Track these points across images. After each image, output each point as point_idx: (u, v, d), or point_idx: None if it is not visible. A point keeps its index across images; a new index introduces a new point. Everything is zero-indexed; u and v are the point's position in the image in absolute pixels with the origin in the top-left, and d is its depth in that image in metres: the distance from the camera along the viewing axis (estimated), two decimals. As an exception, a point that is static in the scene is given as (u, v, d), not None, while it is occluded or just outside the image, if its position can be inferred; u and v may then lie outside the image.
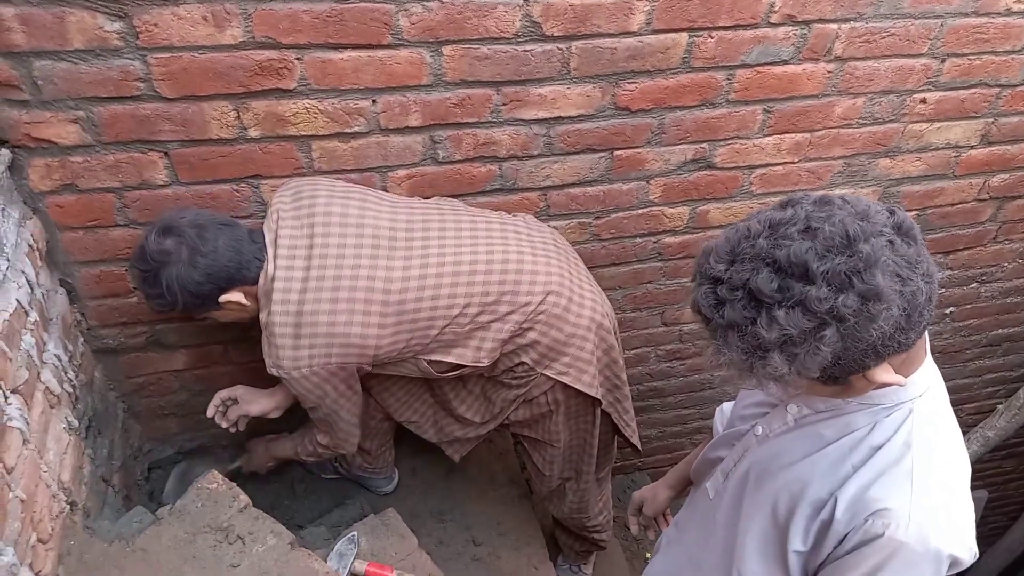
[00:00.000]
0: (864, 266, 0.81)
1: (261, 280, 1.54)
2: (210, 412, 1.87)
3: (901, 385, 0.93)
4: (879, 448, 1.03)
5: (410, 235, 1.58)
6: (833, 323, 0.82)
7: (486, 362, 1.66)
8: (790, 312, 0.82)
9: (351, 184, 1.67)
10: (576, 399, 1.82)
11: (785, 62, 1.86)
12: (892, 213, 0.88)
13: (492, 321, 1.62)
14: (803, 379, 0.89)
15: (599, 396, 1.81)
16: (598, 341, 1.76)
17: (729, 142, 1.99)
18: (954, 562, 1.00)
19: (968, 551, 1.00)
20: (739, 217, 2.19)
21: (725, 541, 1.27)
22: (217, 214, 1.60)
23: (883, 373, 0.91)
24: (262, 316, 1.53)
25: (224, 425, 1.88)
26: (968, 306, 2.83)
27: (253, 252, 1.54)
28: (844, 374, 0.91)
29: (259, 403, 1.85)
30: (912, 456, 1.00)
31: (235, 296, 1.55)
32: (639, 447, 2.05)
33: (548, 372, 1.73)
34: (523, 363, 1.71)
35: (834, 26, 1.82)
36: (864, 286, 0.81)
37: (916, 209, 2.36)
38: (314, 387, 1.56)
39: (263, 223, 1.59)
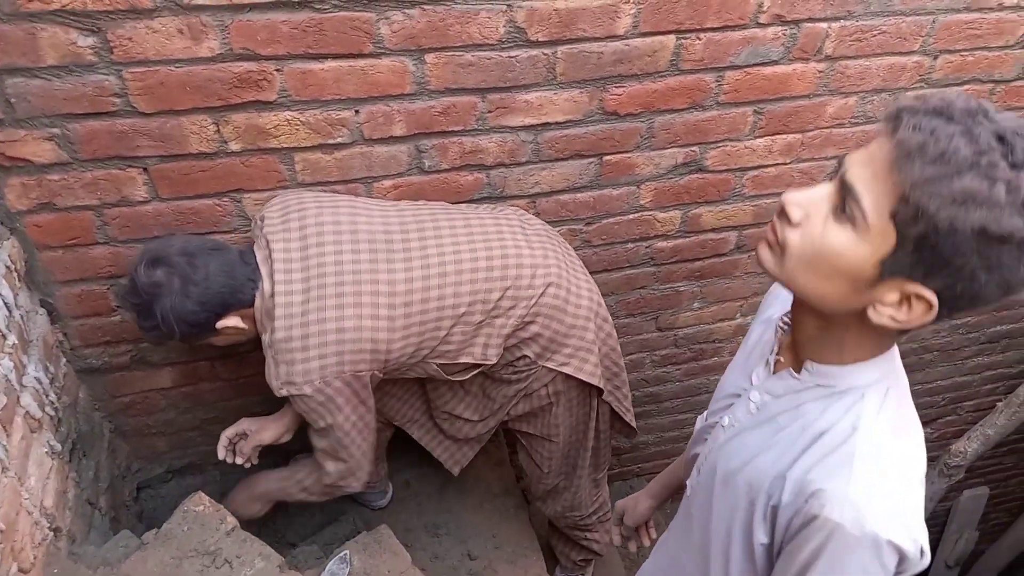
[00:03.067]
0: None
1: (257, 301, 1.50)
2: (221, 454, 1.79)
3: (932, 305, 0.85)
4: (826, 432, 0.98)
5: (406, 238, 1.55)
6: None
7: (494, 359, 1.63)
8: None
9: (336, 194, 1.64)
10: (576, 390, 1.79)
11: (775, 62, 1.83)
12: None
13: (496, 317, 1.60)
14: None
15: (601, 384, 1.78)
16: (596, 329, 1.75)
17: (720, 144, 1.97)
18: (901, 556, 0.93)
19: (912, 542, 0.92)
20: (732, 220, 2.17)
21: (701, 539, 1.23)
22: (205, 239, 1.57)
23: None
24: (265, 338, 1.49)
25: (240, 462, 1.80)
26: (966, 304, 2.80)
27: (246, 274, 1.50)
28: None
29: (269, 430, 1.78)
30: (856, 439, 0.95)
31: (232, 321, 1.50)
32: (636, 428, 2.01)
33: (549, 364, 1.71)
34: (525, 356, 1.69)
35: (824, 25, 1.79)
36: None
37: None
38: (327, 401, 1.49)
39: (252, 241, 1.56)
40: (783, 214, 0.91)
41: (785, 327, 1.11)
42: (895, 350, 1.01)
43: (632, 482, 3.17)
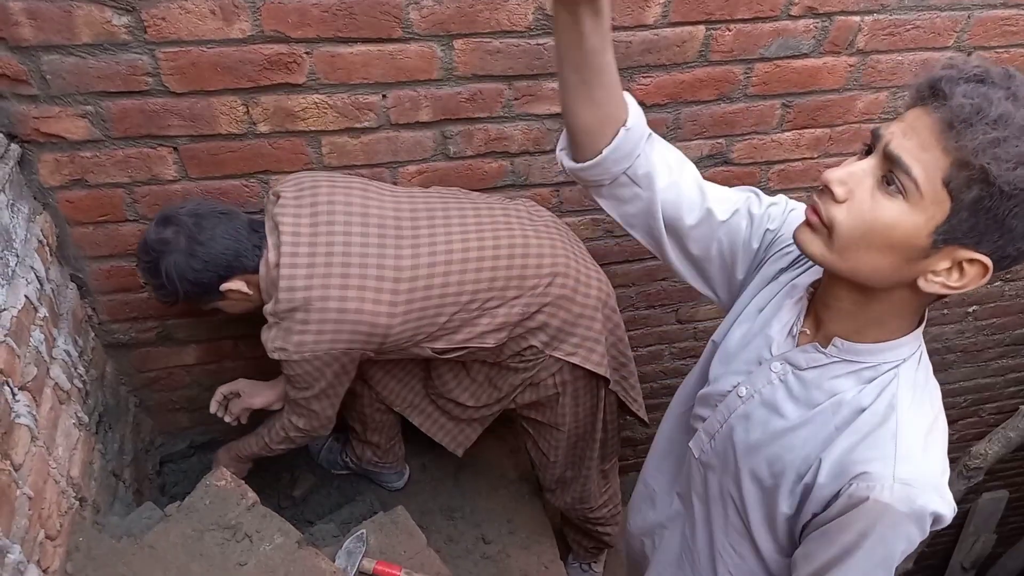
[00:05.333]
0: None
1: (262, 269, 1.54)
2: (213, 408, 1.87)
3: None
4: (863, 410, 1.00)
5: (415, 223, 1.57)
6: None
7: (491, 343, 1.65)
8: None
9: (351, 176, 1.66)
10: (583, 380, 1.80)
11: (805, 55, 1.82)
12: None
13: (500, 306, 1.62)
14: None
15: (607, 375, 1.79)
16: (604, 320, 1.75)
17: (747, 137, 1.95)
18: (936, 519, 0.98)
19: (949, 507, 0.97)
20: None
21: (723, 507, 1.23)
22: (219, 203, 1.60)
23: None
24: (268, 306, 1.52)
25: (227, 420, 1.88)
26: (991, 305, 2.77)
27: (253, 241, 1.54)
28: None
29: (262, 395, 1.85)
30: (896, 418, 0.97)
31: (236, 284, 1.55)
32: (647, 420, 2.02)
33: (556, 353, 1.72)
34: (532, 346, 1.70)
35: (856, 18, 1.77)
36: None
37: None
38: (314, 370, 1.55)
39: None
40: (825, 192, 0.91)
41: (810, 298, 1.10)
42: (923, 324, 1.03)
43: (647, 473, 3.17)
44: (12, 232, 1.42)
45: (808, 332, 1.09)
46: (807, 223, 0.95)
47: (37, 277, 1.50)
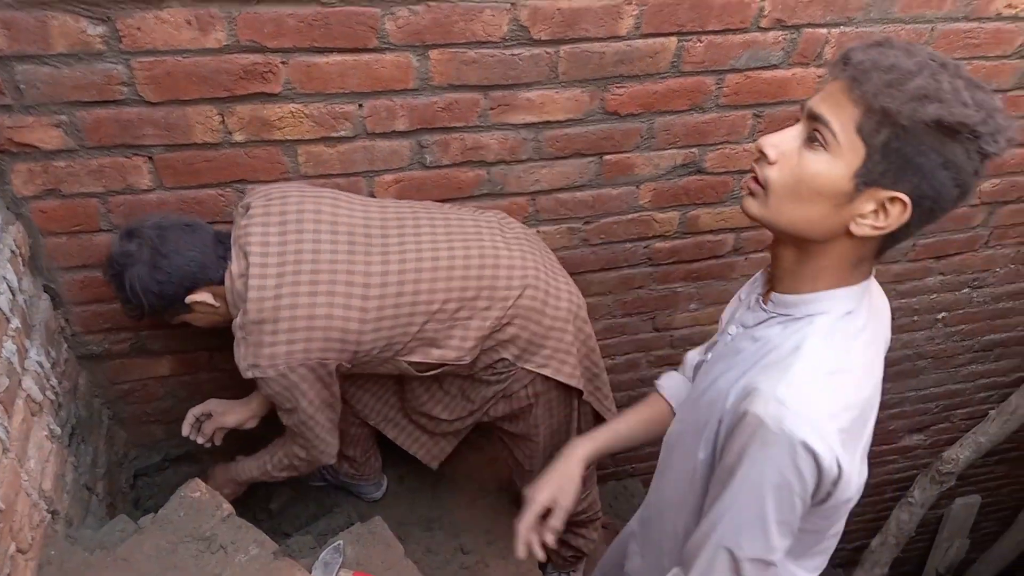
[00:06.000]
0: None
1: (227, 280, 1.53)
2: (185, 431, 1.84)
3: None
4: (774, 349, 1.07)
5: (385, 233, 1.57)
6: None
7: (468, 359, 1.65)
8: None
9: (320, 187, 1.66)
10: (556, 390, 1.81)
11: (775, 66, 1.86)
12: None
13: (470, 317, 1.62)
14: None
15: (580, 386, 1.80)
16: (576, 331, 1.76)
17: (719, 147, 1.99)
18: (820, 468, 0.98)
19: (827, 449, 0.97)
20: (730, 223, 2.19)
21: (675, 472, 1.29)
22: (182, 216, 1.60)
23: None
24: (236, 319, 1.51)
25: (200, 441, 1.85)
26: (960, 311, 2.82)
27: (219, 252, 1.54)
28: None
29: (234, 413, 1.84)
30: (800, 353, 1.03)
31: (202, 296, 1.54)
32: None
33: (528, 366, 1.72)
34: (504, 359, 1.70)
35: (824, 30, 1.82)
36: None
37: (907, 214, 2.35)
38: (291, 386, 1.54)
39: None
40: (761, 157, 1.04)
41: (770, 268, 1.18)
42: (869, 297, 1.10)
43: (626, 482, 3.18)
44: (-16, 242, 1.41)
45: (765, 297, 1.18)
46: (749, 192, 1.07)
47: (9, 288, 1.48)
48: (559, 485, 1.44)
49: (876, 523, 3.84)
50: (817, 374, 1.02)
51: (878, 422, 1.14)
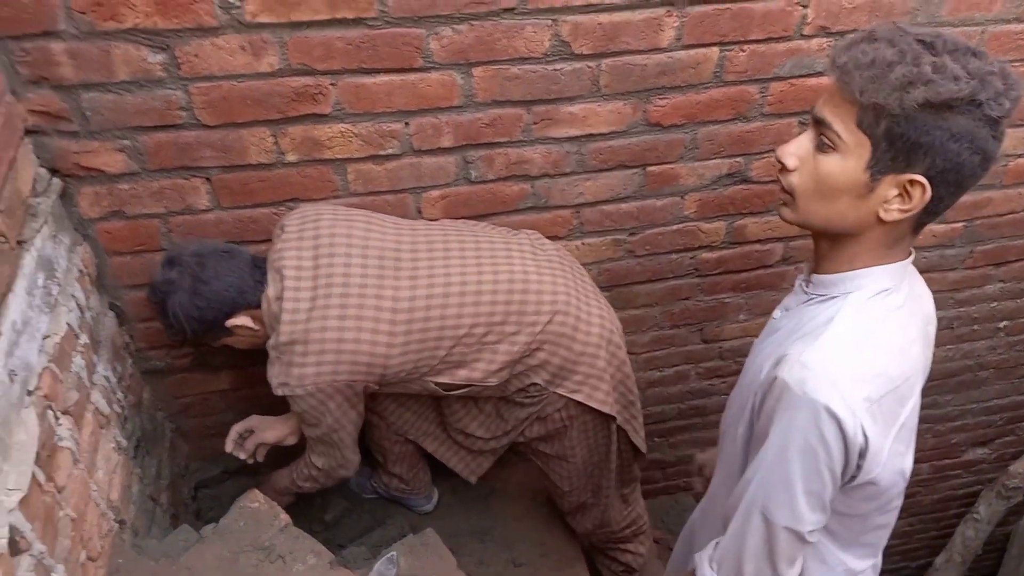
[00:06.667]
0: None
1: (264, 303, 1.58)
2: (228, 447, 1.89)
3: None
4: (806, 323, 1.12)
5: (415, 255, 1.60)
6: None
7: (494, 382, 1.66)
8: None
9: (354, 208, 1.70)
10: (590, 415, 1.81)
11: (820, 74, 1.84)
12: None
13: (499, 342, 1.63)
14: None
15: (614, 413, 1.80)
16: (609, 357, 1.75)
17: (765, 155, 1.98)
18: (843, 433, 1.00)
19: (850, 415, 1.00)
20: (778, 232, 2.17)
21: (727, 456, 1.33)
22: (220, 243, 1.66)
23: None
24: (271, 340, 1.56)
25: (243, 456, 1.90)
26: (1023, 319, 2.73)
27: (256, 276, 1.59)
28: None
29: (274, 430, 1.88)
30: (829, 326, 1.07)
31: (242, 320, 1.60)
32: (644, 451, 2.02)
33: (560, 391, 1.73)
34: (535, 383, 1.71)
35: (869, 36, 1.80)
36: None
37: (963, 220, 2.30)
38: (319, 403, 1.58)
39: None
40: (782, 167, 1.10)
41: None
42: (911, 281, 1.14)
43: (678, 496, 3.15)
44: (55, 262, 1.48)
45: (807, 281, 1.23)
46: (783, 201, 1.14)
47: (78, 305, 1.56)
48: None
49: (940, 540, 3.71)
50: (844, 340, 1.05)
51: (939, 435, 1.16)
